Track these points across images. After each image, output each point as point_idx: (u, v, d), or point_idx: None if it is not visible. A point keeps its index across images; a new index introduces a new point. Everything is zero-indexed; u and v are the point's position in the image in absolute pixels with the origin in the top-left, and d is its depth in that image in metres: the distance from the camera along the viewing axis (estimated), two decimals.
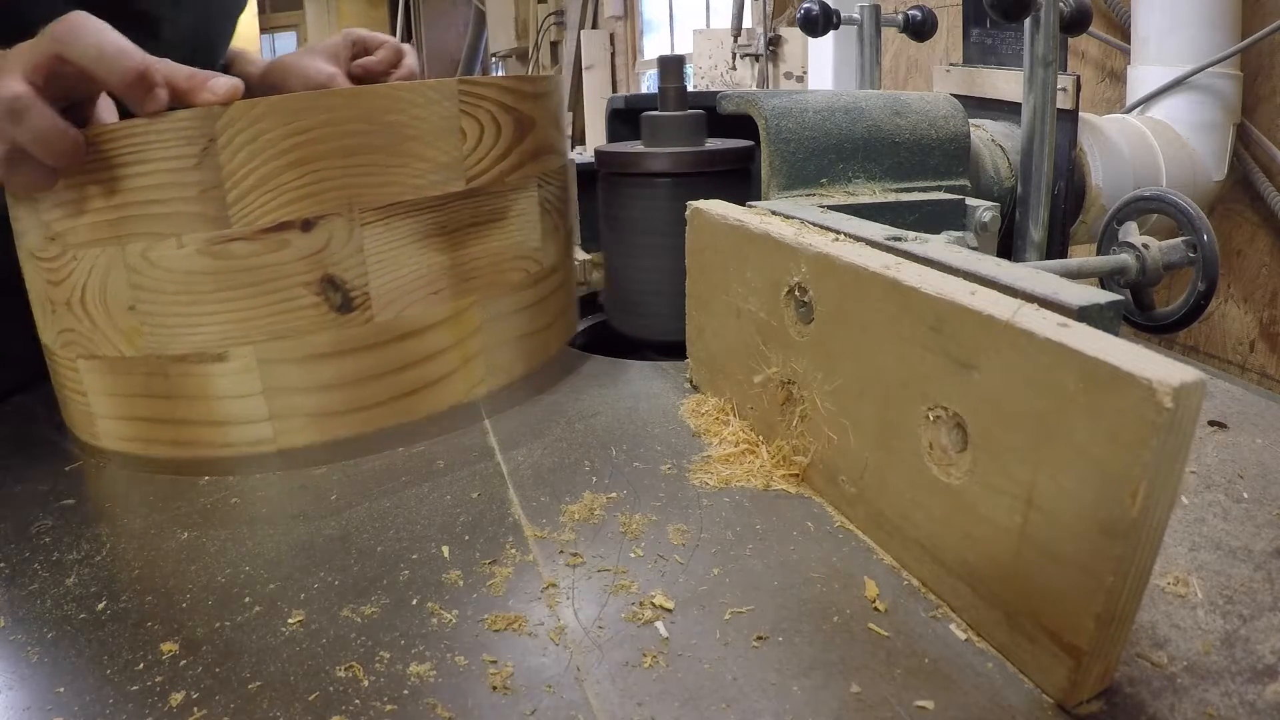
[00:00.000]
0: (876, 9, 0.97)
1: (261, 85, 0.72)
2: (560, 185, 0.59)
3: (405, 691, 0.29)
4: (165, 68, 0.43)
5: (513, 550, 0.37)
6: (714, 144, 0.63)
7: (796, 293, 0.41)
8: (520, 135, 0.52)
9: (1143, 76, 1.11)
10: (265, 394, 0.46)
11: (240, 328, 0.44)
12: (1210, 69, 1.04)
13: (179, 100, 0.44)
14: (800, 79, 2.36)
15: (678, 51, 3.26)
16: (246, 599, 0.35)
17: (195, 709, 0.29)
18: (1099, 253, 0.73)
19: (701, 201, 0.50)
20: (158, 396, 0.46)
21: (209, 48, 0.69)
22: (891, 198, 0.61)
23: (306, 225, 0.44)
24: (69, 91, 0.42)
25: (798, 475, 0.42)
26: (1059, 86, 0.75)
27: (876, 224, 0.44)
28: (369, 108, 0.44)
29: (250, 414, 0.46)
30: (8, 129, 0.40)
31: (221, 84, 0.43)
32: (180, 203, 0.42)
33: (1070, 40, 1.10)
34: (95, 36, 0.41)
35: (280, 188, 0.43)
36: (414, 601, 0.34)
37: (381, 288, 0.46)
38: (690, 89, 0.65)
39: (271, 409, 0.46)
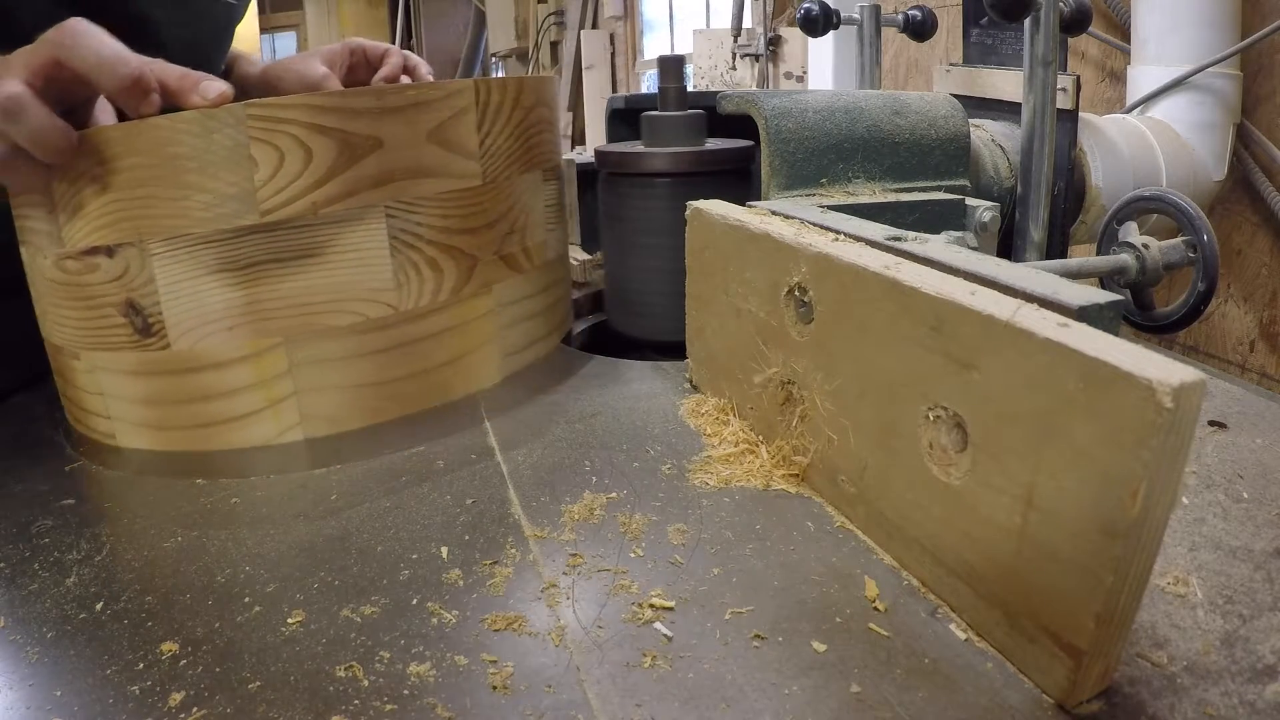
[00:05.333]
0: (876, 9, 0.97)
1: (260, 86, 0.72)
2: (446, 213, 0.51)
3: (405, 691, 0.29)
4: (158, 68, 0.44)
5: (513, 550, 0.37)
6: (714, 144, 0.63)
7: (796, 293, 0.41)
8: (349, 160, 0.46)
9: (1143, 76, 1.11)
10: (104, 396, 0.50)
11: (78, 335, 0.49)
12: (1210, 69, 1.04)
13: (170, 101, 0.44)
14: (800, 79, 2.36)
15: (678, 51, 3.26)
16: (246, 599, 0.35)
17: (195, 709, 0.29)
18: (1099, 253, 0.73)
19: (701, 201, 0.50)
20: (59, 374, 0.54)
21: (208, 54, 0.69)
22: (891, 198, 0.61)
23: (110, 252, 0.46)
24: (66, 95, 0.43)
25: (798, 475, 0.42)
26: (1059, 86, 0.75)
27: (876, 224, 0.44)
28: (147, 140, 0.44)
29: (100, 409, 0.51)
30: (4, 127, 0.41)
31: (212, 87, 0.44)
32: (40, 219, 0.48)
33: (1070, 40, 1.10)
34: (93, 42, 0.42)
35: (88, 215, 0.46)
36: (414, 601, 0.34)
37: (175, 317, 0.47)
38: (690, 89, 0.65)
39: (109, 409, 0.51)
